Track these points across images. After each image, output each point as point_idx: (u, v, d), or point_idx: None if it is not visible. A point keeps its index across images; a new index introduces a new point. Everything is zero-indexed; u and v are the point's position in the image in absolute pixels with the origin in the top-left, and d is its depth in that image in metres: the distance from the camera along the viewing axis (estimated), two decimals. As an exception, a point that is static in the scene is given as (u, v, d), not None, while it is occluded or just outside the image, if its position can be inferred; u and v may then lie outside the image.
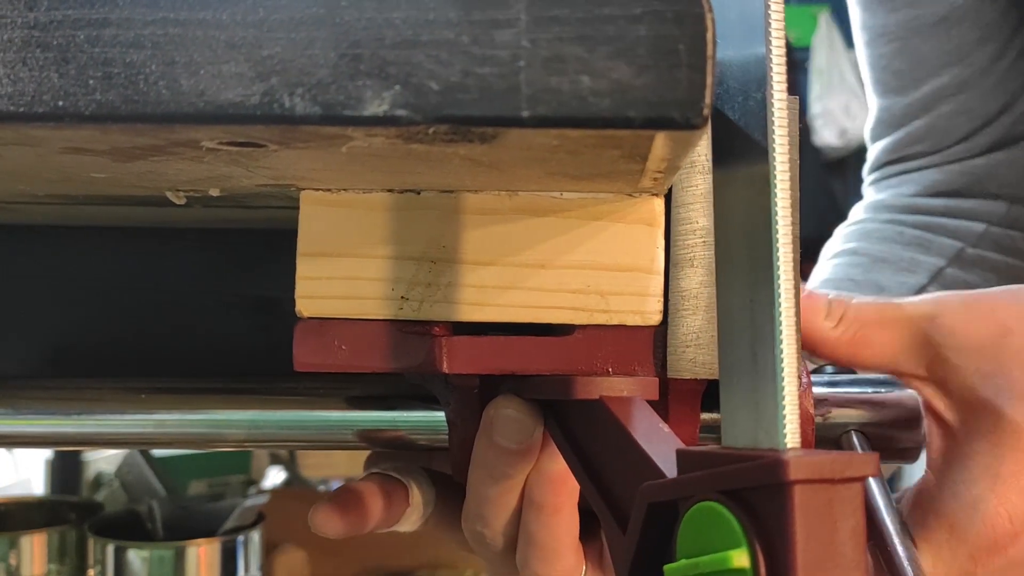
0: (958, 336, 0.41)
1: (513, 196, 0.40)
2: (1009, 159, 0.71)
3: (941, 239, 0.71)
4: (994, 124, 0.71)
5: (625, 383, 0.39)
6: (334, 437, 0.47)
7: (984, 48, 0.70)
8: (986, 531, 0.40)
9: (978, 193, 0.72)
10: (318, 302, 0.40)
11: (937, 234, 0.71)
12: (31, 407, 0.49)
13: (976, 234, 0.71)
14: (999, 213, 0.71)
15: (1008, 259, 0.71)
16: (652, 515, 0.32)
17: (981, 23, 0.69)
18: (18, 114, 0.28)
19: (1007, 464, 0.40)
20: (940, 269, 0.70)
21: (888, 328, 0.41)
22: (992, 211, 0.72)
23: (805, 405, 0.41)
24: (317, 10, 0.28)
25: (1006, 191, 0.72)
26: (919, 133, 0.73)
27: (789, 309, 0.29)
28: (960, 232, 0.71)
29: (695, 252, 0.40)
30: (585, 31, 0.27)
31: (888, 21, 0.71)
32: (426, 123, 0.28)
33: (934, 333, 0.41)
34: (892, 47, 0.72)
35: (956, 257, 0.70)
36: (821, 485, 0.26)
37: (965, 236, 0.71)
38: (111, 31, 0.28)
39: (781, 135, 0.29)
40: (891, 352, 0.41)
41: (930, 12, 0.70)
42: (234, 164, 0.34)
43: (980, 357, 0.41)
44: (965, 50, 0.70)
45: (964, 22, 0.69)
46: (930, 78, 0.71)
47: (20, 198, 0.45)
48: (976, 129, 0.71)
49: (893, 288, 0.68)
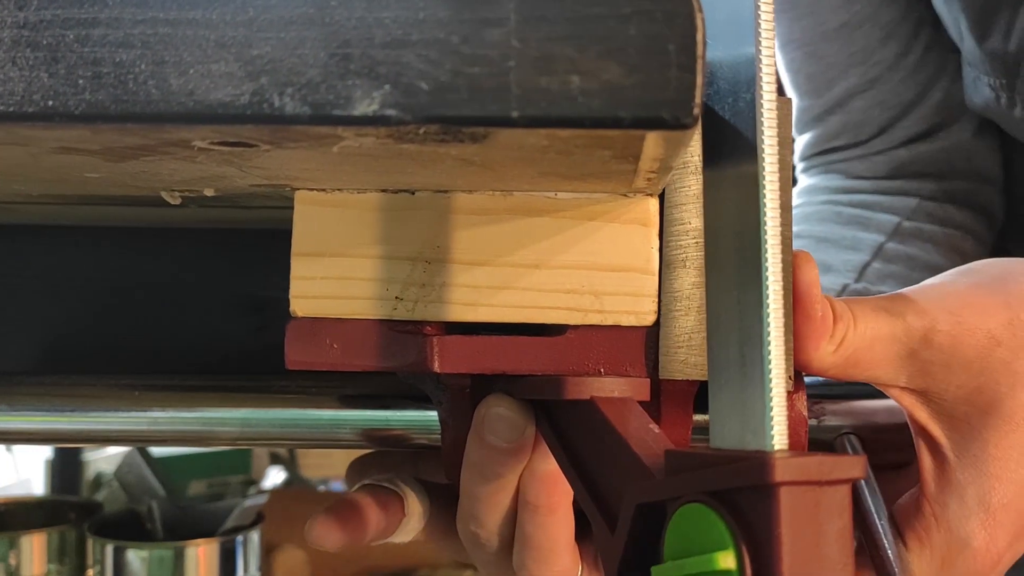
0: (946, 351, 0.40)
1: (507, 196, 0.40)
2: (931, 149, 0.73)
3: (878, 215, 0.72)
4: (910, 115, 0.72)
5: (616, 384, 0.39)
6: (327, 436, 0.47)
7: (888, 46, 0.71)
8: (974, 565, 0.41)
9: (905, 175, 0.74)
10: (313, 302, 0.40)
11: (873, 211, 0.73)
12: (26, 404, 0.49)
13: (910, 208, 0.73)
14: (929, 188, 0.73)
15: (944, 229, 0.72)
16: (640, 516, 0.32)
17: (882, 23, 0.71)
18: (8, 114, 0.28)
19: (996, 495, 0.40)
20: (881, 244, 0.71)
21: (881, 344, 0.40)
22: (921, 187, 0.73)
23: (798, 408, 0.41)
24: (307, 10, 0.28)
25: (933, 172, 0.73)
26: (836, 128, 0.75)
27: (777, 310, 0.29)
28: (895, 207, 0.73)
29: (688, 253, 0.40)
30: (575, 31, 0.27)
31: (793, 29, 0.73)
32: (416, 123, 0.28)
33: (924, 350, 0.40)
34: (801, 52, 0.73)
35: (895, 231, 0.72)
36: (808, 487, 0.26)
37: (900, 211, 0.72)
38: (100, 31, 0.28)
39: (770, 136, 0.29)
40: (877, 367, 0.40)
41: (832, 19, 0.71)
42: (227, 164, 0.34)
43: (966, 373, 0.40)
44: (870, 50, 0.71)
45: (865, 24, 0.71)
46: (840, 80, 0.73)
47: (16, 198, 0.45)
48: (892, 120, 0.73)
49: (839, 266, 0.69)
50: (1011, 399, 0.40)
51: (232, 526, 1.00)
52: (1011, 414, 0.40)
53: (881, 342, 0.40)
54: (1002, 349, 0.40)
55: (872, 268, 0.69)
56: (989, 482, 0.40)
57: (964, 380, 0.40)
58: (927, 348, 0.40)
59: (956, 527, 0.41)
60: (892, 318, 0.40)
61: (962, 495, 0.41)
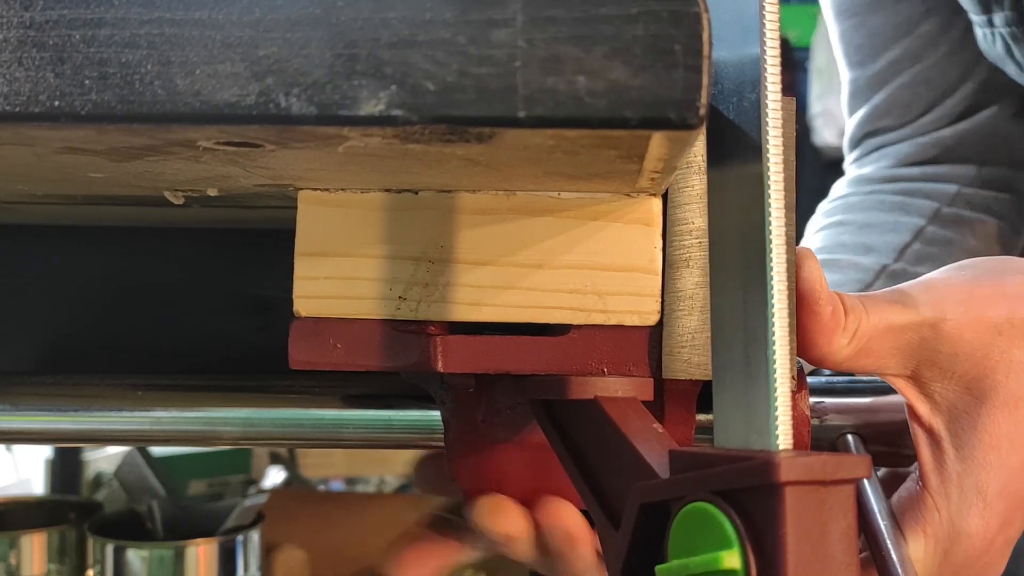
0: (954, 341, 0.41)
1: (511, 196, 0.40)
2: (974, 127, 0.76)
3: (919, 201, 0.75)
4: (955, 95, 0.76)
5: (620, 383, 0.39)
6: (330, 435, 0.47)
7: (930, 20, 0.75)
8: (971, 551, 0.42)
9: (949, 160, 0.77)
10: (316, 302, 0.40)
11: (915, 197, 0.76)
12: (29, 403, 0.49)
13: (950, 195, 0.76)
14: (969, 175, 0.76)
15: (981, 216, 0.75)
16: (644, 515, 0.32)
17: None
18: (14, 114, 0.28)
19: (992, 483, 0.41)
20: (921, 228, 0.74)
21: (894, 333, 0.41)
22: (963, 174, 0.77)
23: (801, 407, 0.41)
24: (313, 10, 0.28)
25: (974, 156, 0.76)
26: (884, 106, 0.78)
27: (782, 310, 0.29)
28: (935, 194, 0.76)
29: (691, 253, 0.40)
30: (581, 31, 0.27)
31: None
32: (422, 123, 0.28)
33: (934, 339, 0.41)
34: (851, 22, 0.78)
35: (934, 216, 0.75)
36: (812, 487, 0.27)
37: (940, 197, 0.76)
38: (107, 31, 0.28)
39: (775, 135, 0.29)
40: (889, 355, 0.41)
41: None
42: (231, 164, 0.34)
43: (969, 362, 0.41)
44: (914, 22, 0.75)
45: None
46: (885, 50, 0.77)
47: (20, 198, 0.45)
48: (937, 100, 0.76)
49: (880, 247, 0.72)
50: (1004, 387, 0.41)
51: (232, 526, 1.00)
52: (1004, 401, 0.41)
53: (894, 331, 0.41)
54: (1002, 339, 0.41)
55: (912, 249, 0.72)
56: (985, 471, 0.41)
57: (967, 368, 0.41)
58: (937, 337, 0.41)
59: (957, 518, 0.42)
60: (905, 308, 0.41)
61: (962, 486, 0.41)
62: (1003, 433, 0.41)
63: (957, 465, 0.41)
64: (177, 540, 0.97)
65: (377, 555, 1.10)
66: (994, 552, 0.42)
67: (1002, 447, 0.41)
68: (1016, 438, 0.41)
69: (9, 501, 1.11)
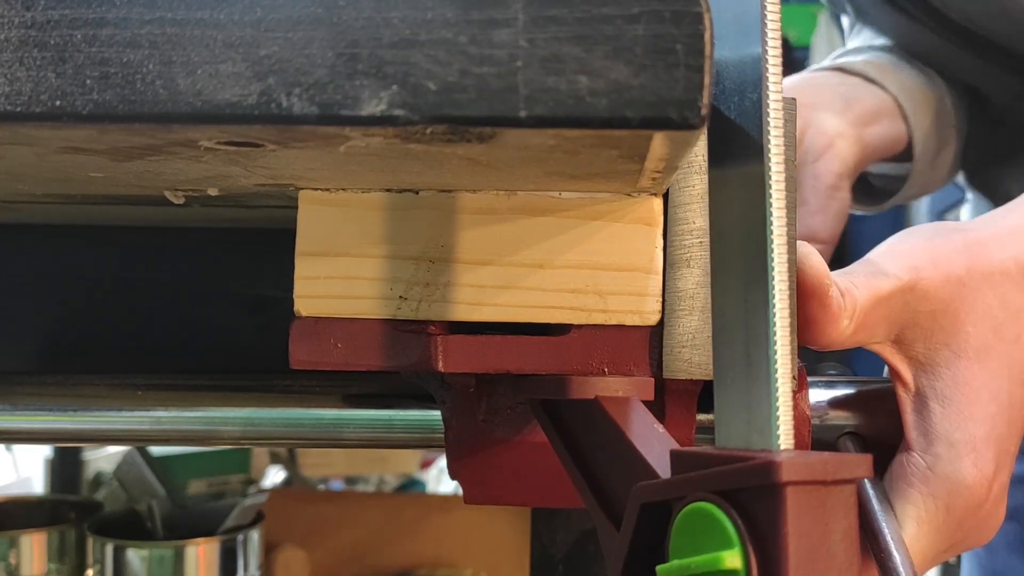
0: (931, 298, 0.43)
1: (511, 196, 0.40)
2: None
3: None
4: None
5: (621, 383, 0.39)
6: (330, 435, 0.47)
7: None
8: (972, 501, 0.43)
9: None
10: (317, 301, 0.40)
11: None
12: (29, 403, 0.49)
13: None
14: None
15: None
16: (645, 515, 0.32)
17: None
18: (15, 114, 0.28)
19: (979, 432, 0.42)
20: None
21: (883, 303, 0.42)
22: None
23: (801, 407, 0.41)
24: (315, 10, 0.28)
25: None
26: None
27: (783, 310, 0.29)
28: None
29: (692, 252, 0.40)
30: (583, 31, 0.27)
31: None
32: (423, 123, 0.28)
33: (914, 300, 0.43)
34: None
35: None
36: (814, 487, 0.27)
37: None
38: (108, 31, 0.28)
39: (776, 135, 0.29)
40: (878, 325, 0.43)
41: None
42: (232, 164, 0.34)
43: (945, 316, 0.43)
44: None
45: None
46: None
47: (20, 197, 0.45)
48: None
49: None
50: (975, 338, 0.43)
51: (232, 525, 1.00)
52: (976, 352, 0.43)
53: (881, 301, 0.42)
54: (966, 290, 0.43)
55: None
56: (973, 423, 0.43)
57: (944, 324, 0.43)
58: (916, 298, 0.43)
59: (951, 472, 0.42)
60: (885, 276, 0.42)
61: (950, 441, 0.43)
62: (981, 384, 0.43)
63: (944, 422, 0.43)
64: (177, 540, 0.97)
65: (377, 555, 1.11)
66: (993, 499, 0.43)
67: (982, 398, 0.43)
68: (992, 385, 0.43)
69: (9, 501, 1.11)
